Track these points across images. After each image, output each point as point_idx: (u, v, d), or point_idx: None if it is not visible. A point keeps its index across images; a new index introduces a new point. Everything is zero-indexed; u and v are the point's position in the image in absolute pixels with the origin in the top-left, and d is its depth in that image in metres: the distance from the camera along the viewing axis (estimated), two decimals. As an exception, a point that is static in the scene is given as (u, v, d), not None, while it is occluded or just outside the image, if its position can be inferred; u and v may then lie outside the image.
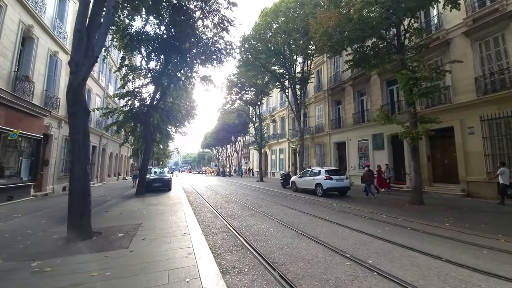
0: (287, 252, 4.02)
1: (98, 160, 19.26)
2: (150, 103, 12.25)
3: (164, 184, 13.39)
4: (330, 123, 19.86)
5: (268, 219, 6.51)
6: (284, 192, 13.14)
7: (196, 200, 10.58)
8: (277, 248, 4.18)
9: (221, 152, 62.05)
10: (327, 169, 11.51)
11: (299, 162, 16.27)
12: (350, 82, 17.87)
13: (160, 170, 15.86)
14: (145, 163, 12.19)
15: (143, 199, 10.33)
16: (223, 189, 15.36)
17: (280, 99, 29.62)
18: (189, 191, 14.67)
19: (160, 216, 6.66)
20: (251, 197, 11.21)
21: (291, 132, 26.14)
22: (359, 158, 16.79)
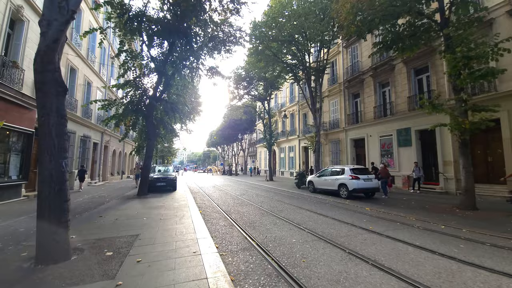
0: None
1: (100, 158, 18.28)
2: (152, 94, 11.06)
3: (168, 184, 12.22)
4: (346, 118, 18.36)
5: (296, 229, 5.19)
6: (301, 193, 11.79)
7: (204, 202, 9.34)
8: (330, 282, 2.86)
9: (226, 151, 61.01)
10: (352, 167, 10.11)
11: (315, 160, 14.88)
12: (370, 72, 16.33)
13: (164, 169, 14.72)
14: (148, 161, 11.02)
15: (145, 200, 9.15)
16: (232, 189, 14.11)
17: (290, 94, 28.20)
18: (196, 191, 13.47)
19: (163, 223, 5.42)
20: (266, 199, 9.91)
21: (303, 129, 24.72)
22: (381, 155, 15.27)
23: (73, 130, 13.54)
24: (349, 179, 9.59)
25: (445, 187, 11.67)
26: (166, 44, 10.91)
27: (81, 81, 14.71)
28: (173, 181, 12.44)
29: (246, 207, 7.93)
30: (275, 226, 5.48)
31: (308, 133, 22.84)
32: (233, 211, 7.24)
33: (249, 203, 8.74)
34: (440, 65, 12.44)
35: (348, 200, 9.24)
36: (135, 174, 13.15)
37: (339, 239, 4.46)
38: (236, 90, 23.75)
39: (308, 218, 6.23)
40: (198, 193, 12.47)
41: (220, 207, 7.97)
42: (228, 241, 4.44)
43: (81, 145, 14.73)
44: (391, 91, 14.98)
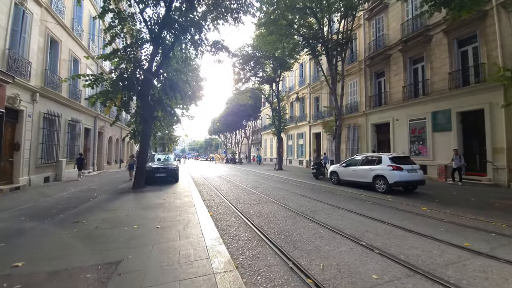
0: None
1: (93, 145, 16.59)
2: (147, 68, 9.11)
3: (169, 174, 10.56)
4: (367, 101, 16.33)
5: (359, 248, 3.49)
6: (324, 186, 10.10)
7: (212, 198, 7.67)
8: None
9: (229, 138, 59.25)
10: (390, 155, 8.31)
11: (335, 147, 13.08)
12: (399, 46, 14.11)
13: (164, 157, 13.03)
14: (144, 148, 9.28)
15: (141, 196, 7.50)
16: (241, 180, 12.46)
17: (299, 77, 25.92)
18: (201, 182, 11.83)
19: (161, 236, 3.75)
20: (286, 193, 8.23)
21: (314, 114, 22.73)
22: (410, 142, 13.43)
23: (58, 113, 11.72)
24: (389, 169, 7.82)
25: (494, 178, 9.92)
26: (163, 3, 8.82)
27: (65, 56, 12.69)
28: (175, 171, 10.77)
29: (267, 206, 6.24)
30: (322, 240, 3.78)
31: (320, 119, 20.91)
32: (253, 213, 5.55)
33: (269, 200, 7.06)
34: (492, 33, 10.28)
35: (389, 196, 7.53)
36: (129, 163, 11.44)
37: (445, 272, 2.75)
38: (242, 71, 21.53)
39: (362, 226, 4.52)
40: (204, 185, 10.82)
41: (235, 206, 6.28)
42: (265, 275, 2.74)
43: (69, 130, 12.97)
44: (426, 68, 12.86)
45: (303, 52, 23.83)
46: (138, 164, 9.25)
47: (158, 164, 11.12)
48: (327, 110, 19.12)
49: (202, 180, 12.74)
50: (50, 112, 11.10)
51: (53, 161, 11.43)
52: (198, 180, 12.72)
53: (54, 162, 11.51)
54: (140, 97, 9.35)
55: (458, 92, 11.19)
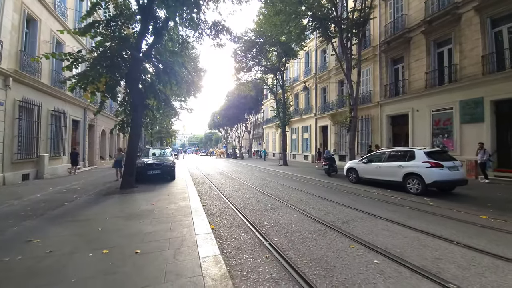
0: None
1: (83, 139, 15.25)
2: (136, 46, 7.69)
3: (164, 172, 9.26)
4: (383, 90, 14.90)
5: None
6: (342, 185, 8.81)
7: (214, 201, 6.38)
8: None
9: (229, 133, 57.86)
10: (427, 150, 6.98)
11: (349, 141, 11.73)
12: (421, 28, 12.60)
13: (160, 152, 11.69)
14: (134, 141, 7.95)
15: (128, 198, 6.22)
16: (246, 178, 11.18)
17: (305, 66, 24.36)
18: (201, 180, 10.54)
19: (138, 273, 2.45)
20: (302, 195, 6.96)
21: (321, 106, 21.31)
22: (433, 135, 12.09)
23: (37, 101, 10.33)
24: (426, 167, 6.52)
25: (535, 176, 8.64)
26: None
27: (46, 38, 11.21)
28: (171, 168, 9.47)
29: (283, 213, 4.95)
30: (385, 281, 2.48)
31: (327, 110, 19.51)
32: (268, 225, 4.26)
33: (283, 204, 5.77)
34: (537, 8, 8.80)
35: (427, 198, 6.25)
36: (115, 159, 9.90)
37: None
38: (244, 59, 19.98)
39: (425, 249, 3.23)
40: (204, 184, 9.54)
41: (243, 213, 4.98)
42: None
43: (52, 121, 11.59)
44: (454, 51, 11.39)
45: (309, 40, 22.31)
46: (127, 160, 7.93)
47: (152, 159, 9.80)
48: (336, 101, 17.71)
49: (202, 178, 11.45)
50: (28, 100, 9.71)
51: (33, 156, 10.10)
52: (197, 178, 11.44)
53: (34, 157, 10.19)
54: (129, 82, 7.95)
55: (493, 78, 9.80)
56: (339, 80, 19.07)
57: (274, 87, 21.03)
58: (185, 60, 9.91)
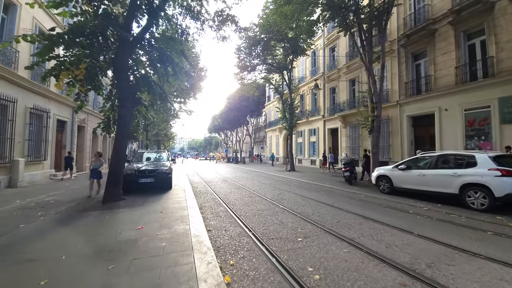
0: None
1: (71, 142, 13.73)
2: (125, 26, 6.27)
3: (159, 180, 7.72)
4: (403, 88, 13.54)
5: None
6: (375, 196, 7.30)
7: (223, 223, 4.83)
8: None
9: (230, 137, 56.42)
10: (492, 154, 5.52)
11: (372, 144, 10.24)
12: (449, 18, 11.30)
13: (155, 156, 10.16)
14: (120, 143, 6.45)
15: (107, 218, 4.68)
16: (255, 186, 9.66)
17: (311, 66, 23.09)
18: (202, 190, 9.00)
19: None
20: (335, 212, 5.46)
21: (330, 107, 19.92)
22: (467, 137, 10.65)
23: (12, 96, 8.85)
24: (495, 175, 5.05)
25: None
26: None
27: (27, 25, 9.82)
28: (167, 175, 7.94)
29: (326, 246, 3.43)
30: None
31: (338, 111, 18.11)
32: (316, 273, 2.74)
33: (319, 229, 4.24)
34: None
35: (501, 217, 4.75)
36: (91, 167, 7.37)
37: None
38: (248, 57, 18.67)
39: None
40: (206, 194, 7.99)
41: (269, 247, 3.40)
42: None
43: (32, 121, 10.09)
44: (488, 43, 10.06)
45: (317, 37, 21.08)
46: (112, 166, 6.42)
47: (145, 165, 8.27)
48: (347, 101, 16.25)
49: (204, 186, 9.91)
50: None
51: (5, 161, 8.56)
52: (198, 186, 9.90)
53: (6, 162, 8.65)
54: (116, 70, 6.51)
55: (543, 71, 8.43)
56: (350, 79, 17.74)
57: (280, 87, 19.65)
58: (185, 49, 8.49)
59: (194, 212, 5.03)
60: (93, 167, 7.21)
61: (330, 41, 20.15)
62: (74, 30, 5.34)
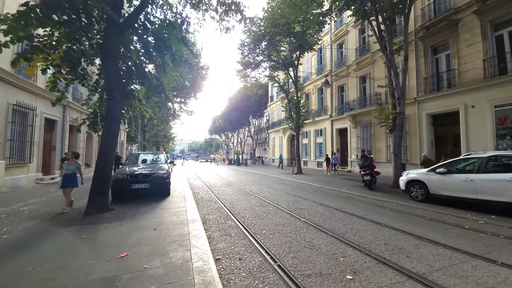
0: None
1: (61, 143, 12.69)
2: (114, 5, 5.25)
3: (155, 185, 6.65)
4: (422, 84, 12.51)
5: None
6: (408, 205, 6.23)
7: (237, 248, 3.72)
8: None
9: (230, 138, 55.40)
10: None
11: (395, 144, 9.16)
12: (473, 7, 10.31)
13: (152, 158, 9.10)
14: (108, 142, 5.41)
15: (83, 239, 3.61)
16: (265, 192, 8.59)
17: (317, 64, 22.11)
18: (205, 197, 7.92)
19: None
20: (371, 227, 4.42)
21: (338, 106, 18.89)
22: (497, 137, 9.59)
23: (-12, 90, 7.82)
24: None
25: None
26: None
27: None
28: (164, 180, 6.87)
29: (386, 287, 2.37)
30: None
31: (348, 110, 17.07)
32: None
33: (362, 252, 3.19)
34: None
35: None
36: (63, 172, 5.55)
37: None
38: (251, 53, 17.69)
39: None
40: (210, 203, 6.92)
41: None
42: None
43: (15, 119, 9.05)
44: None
45: (323, 34, 20.12)
46: (98, 170, 5.37)
47: (140, 168, 7.20)
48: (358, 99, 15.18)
49: (206, 192, 8.84)
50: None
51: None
52: (200, 192, 8.82)
53: (-19, 165, 7.60)
54: (103, 56, 5.49)
55: None
56: (361, 76, 16.74)
57: (285, 85, 18.64)
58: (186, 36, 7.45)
59: (197, 229, 3.96)
60: (66, 171, 5.49)
61: (337, 37, 19.18)
62: (48, 2, 4.31)
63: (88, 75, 5.96)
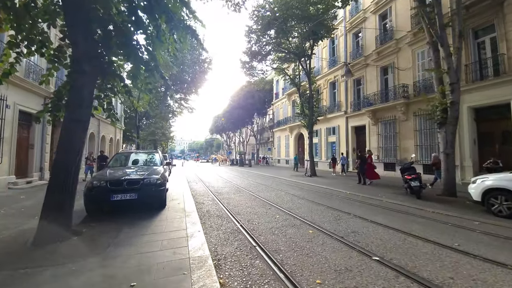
0: None
1: (41, 141, 10.95)
2: None
3: (144, 195, 4.89)
4: (463, 72, 10.74)
5: None
6: (499, 224, 4.49)
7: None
8: None
9: (232, 138, 53.65)
10: None
11: (446, 141, 7.33)
12: (534, -24, 8.58)
13: (145, 158, 7.32)
14: (70, 132, 3.67)
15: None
16: (285, 202, 6.85)
17: (329, 56, 20.38)
18: (212, 210, 6.15)
19: None
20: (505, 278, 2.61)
21: (354, 102, 17.15)
22: None
23: None
24: None
25: None
26: None
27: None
28: (158, 187, 5.11)
29: None
30: None
31: (366, 106, 15.31)
32: None
33: None
34: None
35: None
36: None
37: None
38: (259, 42, 15.95)
39: None
40: (220, 220, 5.16)
41: None
42: None
43: (-26, 110, 7.31)
44: None
45: (337, 22, 18.39)
46: (54, 174, 3.63)
47: (125, 172, 5.44)
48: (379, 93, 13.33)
49: (212, 201, 7.07)
50: None
51: None
52: (204, 201, 7.07)
53: None
54: (68, 12, 3.76)
55: None
56: (382, 66, 15.00)
57: (296, 78, 16.90)
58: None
59: (209, 286, 2.21)
60: None
61: (353, 25, 17.45)
62: None
63: (50, 41, 4.22)
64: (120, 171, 5.56)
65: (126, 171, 5.50)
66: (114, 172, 5.40)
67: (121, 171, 5.49)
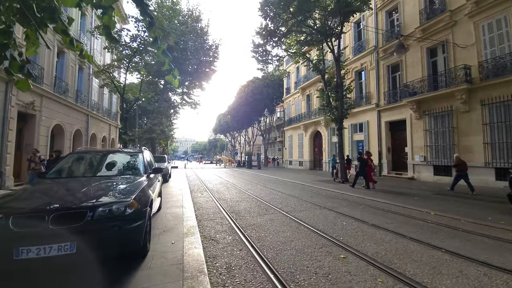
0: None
1: (4, 138, 8.42)
2: None
3: (93, 245, 2.21)
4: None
5: None
6: None
7: None
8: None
9: (237, 138, 51.09)
10: None
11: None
12: None
13: (122, 162, 4.60)
14: None
15: None
16: (357, 233, 4.10)
17: (354, 41, 17.57)
18: (245, 271, 3.44)
19: None
20: None
21: (390, 92, 14.33)
22: None
23: None
24: None
25: None
26: None
27: None
28: (126, 222, 2.44)
29: None
30: None
31: (406, 96, 12.46)
32: None
33: None
34: None
35: None
36: None
37: None
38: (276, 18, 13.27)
39: None
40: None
41: None
42: None
43: None
44: None
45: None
46: None
47: (59, 193, 2.79)
48: (425, 79, 10.42)
49: (230, 230, 4.39)
50: None
51: None
52: (217, 231, 4.39)
53: None
54: None
55: None
56: (428, 47, 12.17)
57: (320, 64, 14.13)
58: None
59: None
60: None
61: (386, 1, 14.68)
62: None
63: None
64: (57, 187, 2.89)
65: (67, 189, 2.83)
66: (42, 190, 2.74)
67: (57, 189, 2.84)
